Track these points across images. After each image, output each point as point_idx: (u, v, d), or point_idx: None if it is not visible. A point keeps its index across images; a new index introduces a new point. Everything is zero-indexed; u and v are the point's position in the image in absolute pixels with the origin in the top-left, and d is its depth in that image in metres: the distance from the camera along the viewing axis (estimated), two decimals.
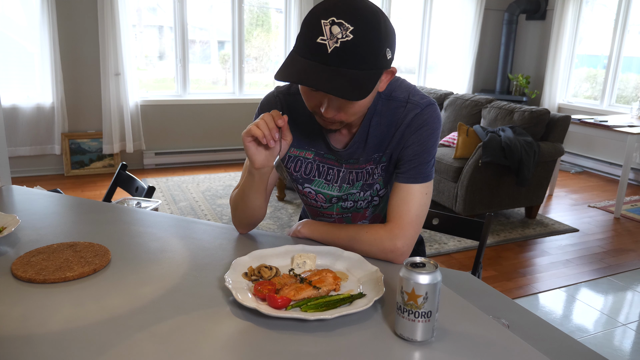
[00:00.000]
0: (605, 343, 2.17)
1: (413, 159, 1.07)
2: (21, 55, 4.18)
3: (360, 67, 0.88)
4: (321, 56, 0.87)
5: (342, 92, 0.87)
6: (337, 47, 0.86)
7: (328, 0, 0.90)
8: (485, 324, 0.82)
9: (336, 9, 0.87)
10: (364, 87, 0.89)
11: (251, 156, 1.03)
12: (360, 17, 0.87)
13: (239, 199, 1.15)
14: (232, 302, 0.85)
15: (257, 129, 0.98)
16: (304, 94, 0.99)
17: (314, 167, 1.17)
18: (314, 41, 0.87)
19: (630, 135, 3.66)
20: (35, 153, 4.35)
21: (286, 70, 0.90)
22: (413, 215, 1.06)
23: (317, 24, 0.87)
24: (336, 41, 0.86)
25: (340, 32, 0.86)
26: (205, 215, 3.53)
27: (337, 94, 0.87)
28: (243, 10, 4.86)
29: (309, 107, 1.01)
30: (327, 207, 1.22)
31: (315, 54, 0.87)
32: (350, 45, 0.86)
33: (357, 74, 0.88)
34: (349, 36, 0.86)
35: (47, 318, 0.79)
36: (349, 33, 0.86)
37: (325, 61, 0.87)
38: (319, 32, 0.87)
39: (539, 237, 3.38)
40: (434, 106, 1.08)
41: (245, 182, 1.12)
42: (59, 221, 1.26)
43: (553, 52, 5.49)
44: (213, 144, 5.02)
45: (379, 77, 0.93)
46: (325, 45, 0.86)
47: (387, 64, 0.94)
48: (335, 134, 1.13)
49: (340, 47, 0.86)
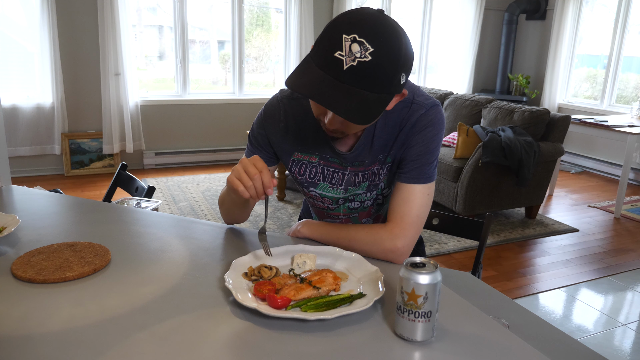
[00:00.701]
0: (605, 343, 2.17)
1: (416, 159, 1.07)
2: (21, 55, 4.18)
3: (372, 89, 0.87)
4: (336, 71, 0.86)
5: (348, 115, 0.86)
6: (354, 66, 0.84)
7: (355, 14, 0.88)
8: (485, 324, 0.82)
9: (361, 26, 0.85)
10: (372, 111, 0.88)
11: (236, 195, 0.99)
12: (382, 40, 0.85)
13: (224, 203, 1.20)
14: (232, 302, 0.85)
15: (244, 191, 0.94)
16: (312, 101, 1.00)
17: (319, 170, 1.17)
18: (331, 54, 0.86)
19: (630, 135, 3.66)
20: (35, 153, 4.35)
21: (298, 79, 0.89)
22: (414, 216, 1.06)
23: (338, 37, 0.85)
24: (354, 59, 0.84)
25: (359, 52, 0.84)
26: (205, 215, 3.53)
27: (344, 116, 0.86)
28: (243, 10, 4.86)
29: (314, 113, 1.01)
30: (334, 208, 1.22)
31: (331, 67, 0.86)
32: (367, 67, 0.85)
33: (368, 95, 0.87)
34: (368, 57, 0.84)
35: (47, 318, 0.79)
36: (368, 54, 0.84)
37: (338, 77, 0.86)
38: (339, 46, 0.85)
39: (539, 237, 3.38)
40: (438, 107, 1.08)
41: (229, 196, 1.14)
42: (59, 221, 1.26)
43: (553, 52, 5.49)
44: (213, 144, 5.02)
45: (389, 101, 0.92)
46: (342, 61, 0.85)
47: (400, 89, 0.93)
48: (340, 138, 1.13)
49: (357, 66, 0.84)
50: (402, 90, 0.95)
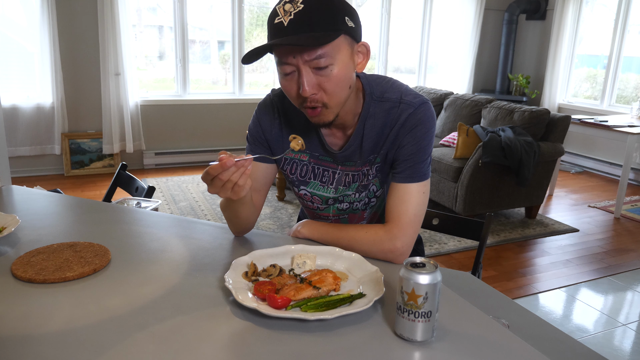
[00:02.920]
0: (605, 343, 2.17)
1: (409, 158, 1.07)
2: (21, 55, 4.18)
3: (316, 29, 0.91)
4: (280, 32, 0.92)
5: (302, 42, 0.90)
6: (292, 19, 0.91)
7: None
8: (485, 324, 0.82)
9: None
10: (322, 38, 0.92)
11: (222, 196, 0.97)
12: None
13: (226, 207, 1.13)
14: (232, 302, 0.85)
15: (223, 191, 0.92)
16: (284, 87, 1.01)
17: (309, 169, 1.18)
18: (272, 24, 0.94)
19: (630, 135, 3.66)
20: (35, 153, 4.35)
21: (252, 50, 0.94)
22: (411, 215, 1.06)
23: (273, 11, 0.94)
24: (290, 14, 0.91)
25: (292, 7, 0.91)
26: (205, 215, 3.53)
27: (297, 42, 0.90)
28: (243, 10, 4.86)
29: (293, 99, 1.02)
30: (323, 208, 1.22)
31: (276, 33, 0.93)
32: (303, 13, 0.91)
33: (314, 35, 0.91)
34: (300, 7, 0.91)
35: (47, 318, 0.79)
36: (299, 4, 0.91)
37: (284, 34, 0.92)
38: (275, 15, 0.93)
39: (539, 237, 3.38)
40: (427, 105, 1.08)
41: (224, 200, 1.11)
42: (59, 221, 1.26)
43: (553, 52, 5.49)
44: (213, 144, 5.02)
45: (337, 36, 0.94)
46: (281, 22, 0.92)
47: (350, 30, 0.96)
48: (330, 137, 1.13)
49: (294, 17, 0.91)
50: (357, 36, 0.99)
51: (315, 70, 0.95)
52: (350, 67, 0.99)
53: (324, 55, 0.93)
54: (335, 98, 0.99)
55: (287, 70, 0.96)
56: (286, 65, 0.96)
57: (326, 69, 0.95)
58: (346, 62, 0.97)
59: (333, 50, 0.94)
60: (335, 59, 0.95)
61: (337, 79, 0.97)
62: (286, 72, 0.97)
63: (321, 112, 1.00)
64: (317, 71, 0.95)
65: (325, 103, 0.99)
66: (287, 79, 0.98)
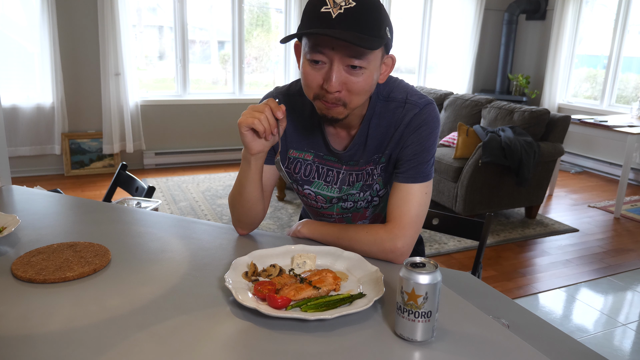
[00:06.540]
0: (605, 343, 2.17)
1: (412, 158, 1.07)
2: (21, 55, 4.17)
3: (363, 32, 0.90)
4: (326, 22, 0.89)
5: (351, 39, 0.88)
6: (341, 13, 0.89)
7: None
8: (485, 324, 0.82)
9: None
10: (370, 42, 0.90)
11: (248, 144, 1.03)
12: None
13: (235, 193, 1.14)
14: (232, 302, 0.85)
15: (258, 123, 0.99)
16: (307, 74, 0.98)
17: (314, 168, 1.17)
18: (317, 12, 0.90)
19: (630, 135, 3.66)
20: (35, 153, 4.35)
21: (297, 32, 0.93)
22: (413, 215, 1.06)
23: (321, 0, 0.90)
24: (340, 8, 0.89)
25: (343, 1, 0.89)
26: (205, 215, 3.53)
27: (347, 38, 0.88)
28: (243, 10, 4.86)
29: (311, 89, 0.99)
30: (327, 207, 1.22)
31: (321, 21, 0.90)
32: (354, 11, 0.89)
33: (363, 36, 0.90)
34: (352, 3, 0.89)
35: (47, 318, 0.79)
36: (352, 1, 0.89)
37: (330, 26, 0.89)
38: (323, 3, 0.90)
39: (539, 237, 3.38)
40: (432, 105, 1.08)
41: (241, 172, 1.11)
42: (59, 221, 1.26)
43: (553, 52, 5.49)
44: (213, 144, 5.02)
45: (380, 45, 0.93)
46: (329, 12, 0.89)
47: (388, 42, 0.97)
48: (334, 137, 1.13)
49: (344, 12, 0.89)
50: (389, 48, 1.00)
51: (347, 68, 0.95)
52: (377, 76, 1.00)
53: (362, 57, 0.93)
54: (356, 100, 0.99)
55: (319, 58, 0.95)
56: (320, 54, 0.94)
57: (358, 71, 0.95)
58: (375, 70, 0.98)
59: (370, 55, 0.94)
60: (369, 64, 0.95)
61: (364, 83, 0.97)
62: (316, 60, 0.95)
63: (337, 109, 1.00)
64: (349, 70, 0.95)
65: (345, 103, 0.99)
66: (314, 68, 0.96)
